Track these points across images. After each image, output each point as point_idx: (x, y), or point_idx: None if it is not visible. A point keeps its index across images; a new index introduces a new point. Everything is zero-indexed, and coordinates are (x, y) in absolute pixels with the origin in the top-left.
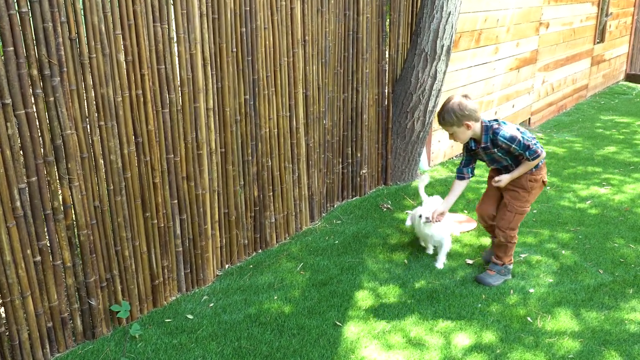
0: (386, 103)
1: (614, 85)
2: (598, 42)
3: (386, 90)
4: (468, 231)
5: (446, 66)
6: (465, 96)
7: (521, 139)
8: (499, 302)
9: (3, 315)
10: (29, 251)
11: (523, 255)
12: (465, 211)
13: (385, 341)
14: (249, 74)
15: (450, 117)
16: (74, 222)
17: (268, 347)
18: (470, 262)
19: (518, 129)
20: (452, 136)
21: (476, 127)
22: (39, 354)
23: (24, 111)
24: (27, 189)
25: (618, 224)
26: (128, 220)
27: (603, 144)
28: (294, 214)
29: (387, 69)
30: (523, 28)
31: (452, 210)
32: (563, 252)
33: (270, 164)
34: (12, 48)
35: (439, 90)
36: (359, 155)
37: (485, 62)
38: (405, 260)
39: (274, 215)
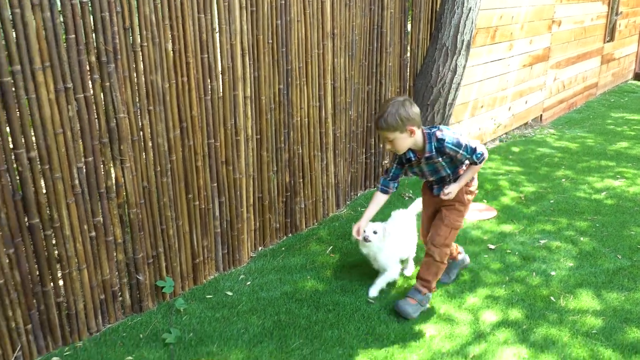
0: (407, 96)
1: (622, 84)
2: (608, 41)
3: (407, 84)
4: (488, 219)
5: (466, 60)
6: (407, 99)
7: (467, 142)
8: (522, 284)
9: (62, 286)
10: (85, 227)
11: (543, 241)
12: (485, 200)
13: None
14: (283, 65)
15: (395, 120)
16: (125, 201)
17: (306, 321)
18: (492, 247)
19: (459, 133)
20: (391, 144)
21: (418, 135)
22: (92, 324)
23: (82, 95)
24: (84, 168)
25: (634, 213)
26: (172, 200)
27: (615, 139)
28: (321, 200)
29: (408, 63)
30: (536, 25)
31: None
32: (581, 238)
33: (301, 151)
34: (73, 36)
35: (459, 84)
36: (381, 146)
37: (500, 58)
38: None
39: (303, 201)
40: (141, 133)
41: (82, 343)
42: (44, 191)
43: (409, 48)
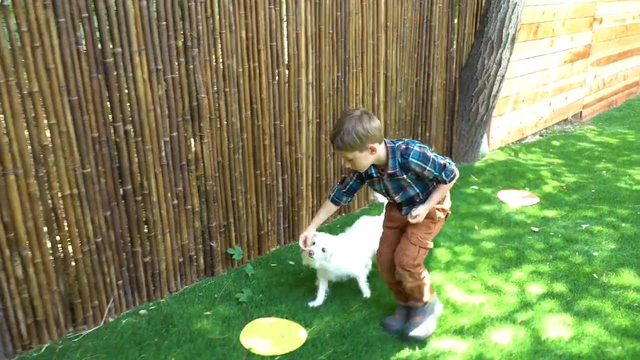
0: (453, 88)
1: None
2: None
3: (453, 76)
4: (531, 205)
5: (510, 54)
6: (365, 112)
7: (435, 158)
8: (565, 262)
9: (148, 247)
10: (169, 195)
11: (584, 226)
12: (527, 188)
13: (466, 287)
14: (341, 54)
15: (352, 139)
16: (203, 174)
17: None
18: (535, 229)
19: (427, 148)
20: (351, 162)
21: (380, 150)
22: (172, 284)
23: (170, 76)
24: (169, 142)
25: None
26: (242, 175)
27: None
28: None
29: (454, 56)
30: (577, 22)
31: (514, 187)
32: (623, 224)
33: None
34: (164, 22)
35: (503, 76)
36: (427, 134)
37: (542, 54)
38: (476, 226)
39: None
40: (217, 112)
41: (164, 300)
42: (136, 161)
43: (455, 41)
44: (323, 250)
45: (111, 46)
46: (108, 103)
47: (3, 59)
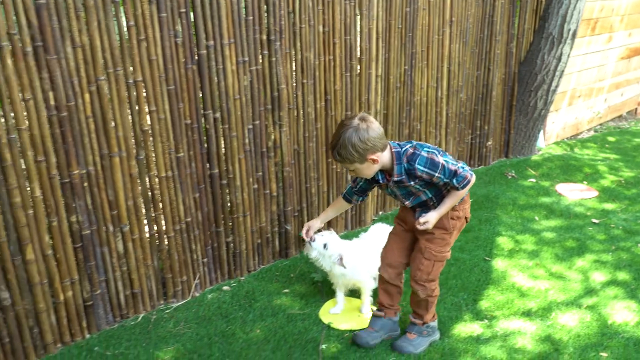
0: (511, 82)
1: None
2: None
3: (512, 70)
4: (590, 198)
5: (571, 49)
6: (363, 119)
7: (445, 163)
8: (628, 252)
9: (230, 228)
10: (250, 179)
11: None
12: (585, 182)
13: (530, 273)
14: (409, 48)
15: (349, 154)
16: (281, 160)
17: None
18: (596, 221)
19: (438, 151)
20: (354, 172)
21: (384, 157)
22: (250, 263)
23: (255, 68)
24: (252, 129)
25: None
26: (315, 163)
27: None
28: None
29: (514, 51)
30: (636, 19)
31: (572, 180)
32: None
33: (419, 127)
34: (251, 17)
35: (562, 71)
36: (486, 128)
37: (599, 50)
38: (536, 217)
39: None
40: (295, 102)
41: (243, 278)
42: (223, 147)
43: (515, 37)
44: (325, 246)
45: (205, 39)
46: (200, 92)
47: (113, 51)
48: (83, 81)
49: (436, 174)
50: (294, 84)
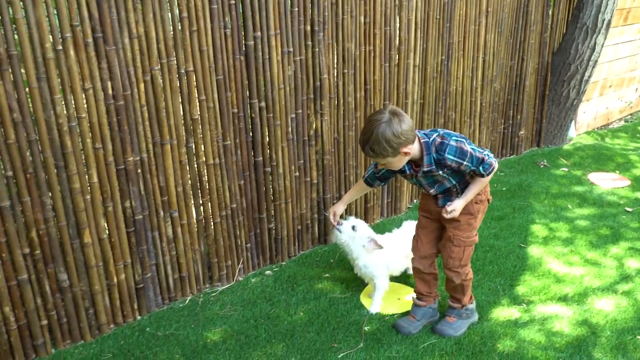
0: (545, 72)
1: None
2: None
3: (545, 60)
4: (623, 187)
5: (605, 39)
6: (395, 113)
7: (472, 151)
8: None
9: (272, 215)
10: (292, 167)
11: None
12: (617, 171)
13: (565, 260)
14: (446, 38)
15: (383, 149)
16: (321, 149)
17: None
18: (629, 210)
19: (464, 139)
20: (384, 166)
21: (414, 148)
22: (291, 249)
23: (299, 58)
24: (295, 118)
25: None
26: (354, 152)
27: None
28: None
29: (547, 40)
30: None
31: (604, 170)
32: None
33: (454, 117)
34: (296, 9)
35: (596, 61)
36: (518, 117)
37: (631, 39)
38: (569, 205)
39: None
40: (336, 92)
41: (284, 263)
42: (267, 135)
43: (549, 27)
44: (353, 228)
45: (252, 30)
46: (247, 82)
47: (167, 42)
48: (139, 71)
49: (465, 162)
50: (335, 74)
